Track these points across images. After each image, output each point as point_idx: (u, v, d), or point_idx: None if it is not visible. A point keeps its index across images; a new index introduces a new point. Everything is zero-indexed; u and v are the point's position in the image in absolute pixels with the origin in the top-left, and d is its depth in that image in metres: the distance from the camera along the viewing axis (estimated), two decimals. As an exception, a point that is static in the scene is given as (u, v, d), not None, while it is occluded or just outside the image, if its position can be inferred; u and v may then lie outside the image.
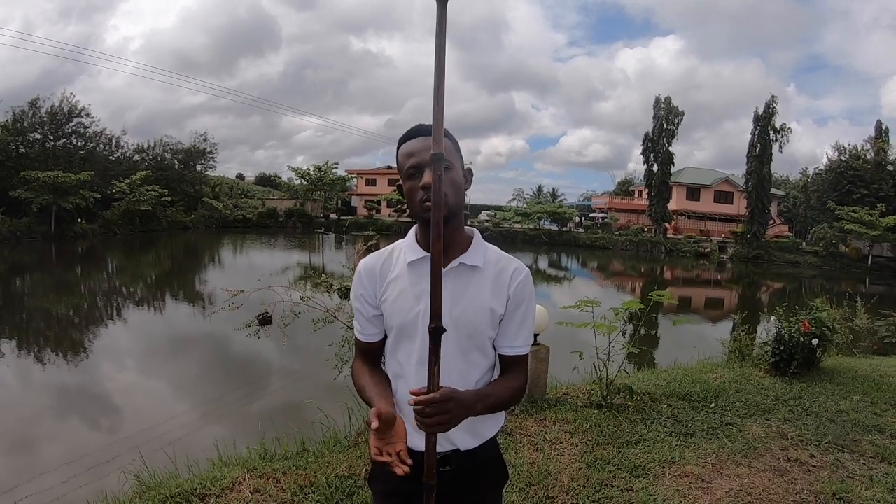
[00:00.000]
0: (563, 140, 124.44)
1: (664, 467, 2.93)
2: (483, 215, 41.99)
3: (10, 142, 26.54)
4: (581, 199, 54.37)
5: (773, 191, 33.96)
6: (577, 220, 41.09)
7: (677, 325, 8.33)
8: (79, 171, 25.47)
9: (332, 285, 4.66)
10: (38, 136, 27.89)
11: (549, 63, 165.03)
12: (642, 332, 4.33)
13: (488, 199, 53.90)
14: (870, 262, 27.71)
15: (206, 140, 37.79)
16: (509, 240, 33.17)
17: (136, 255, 23.12)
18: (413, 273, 1.17)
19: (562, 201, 51.33)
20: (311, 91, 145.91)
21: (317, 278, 5.00)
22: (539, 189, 59.13)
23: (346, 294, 4.29)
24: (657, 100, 32.89)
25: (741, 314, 6.17)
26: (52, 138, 28.26)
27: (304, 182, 40.49)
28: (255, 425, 4.14)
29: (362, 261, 1.24)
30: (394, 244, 1.24)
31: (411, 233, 1.22)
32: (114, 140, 32.67)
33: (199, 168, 37.50)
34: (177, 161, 35.97)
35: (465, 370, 1.17)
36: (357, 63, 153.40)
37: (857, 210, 27.68)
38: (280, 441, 3.33)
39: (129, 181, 28.14)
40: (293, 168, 42.91)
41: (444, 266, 1.13)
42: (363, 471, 2.74)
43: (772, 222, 33.95)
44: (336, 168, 41.58)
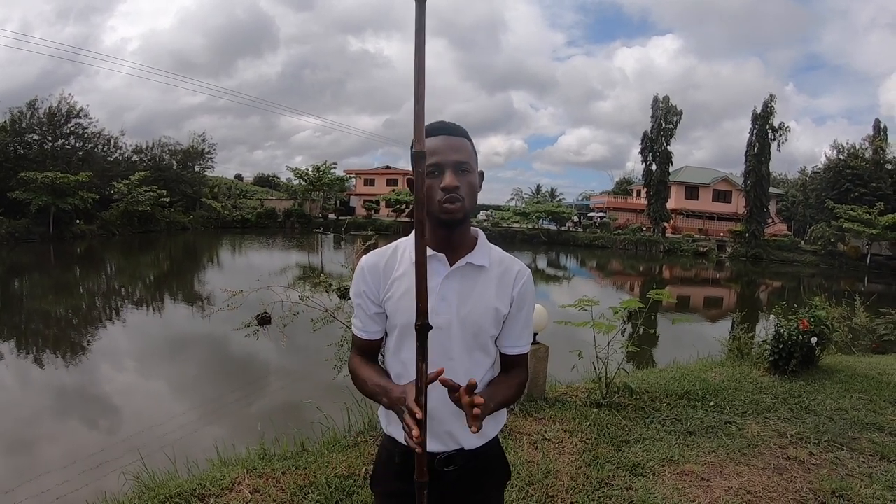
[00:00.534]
0: (561, 139, 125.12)
1: (664, 466, 2.93)
2: (481, 215, 41.94)
3: (9, 143, 26.42)
4: (580, 198, 54.42)
5: (772, 190, 34.03)
6: (576, 219, 41.14)
7: (676, 324, 8.35)
8: (77, 172, 25.36)
9: (330, 285, 4.66)
10: (36, 136, 27.79)
11: (547, 63, 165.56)
12: (641, 331, 4.34)
13: (487, 199, 53.69)
14: (868, 261, 27.73)
15: (204, 140, 37.81)
16: (508, 239, 33.16)
17: (134, 255, 23.07)
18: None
19: (560, 201, 51.29)
20: (310, 91, 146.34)
21: (316, 278, 5.00)
22: (537, 188, 59.24)
23: (345, 294, 4.29)
24: (655, 99, 32.93)
25: (740, 313, 6.18)
26: (50, 139, 28.15)
27: (303, 182, 40.35)
28: (255, 425, 4.13)
29: (364, 257, 1.23)
30: (396, 241, 1.23)
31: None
32: (112, 141, 32.58)
33: (197, 168, 37.42)
34: (175, 162, 35.87)
35: (471, 368, 1.17)
36: (355, 63, 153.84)
37: (855, 209, 27.68)
38: (279, 441, 3.33)
39: (127, 182, 28.06)
40: (292, 168, 42.78)
41: (452, 265, 1.15)
42: (363, 471, 2.74)
43: (770, 221, 33.99)
44: (334, 168, 41.49)
